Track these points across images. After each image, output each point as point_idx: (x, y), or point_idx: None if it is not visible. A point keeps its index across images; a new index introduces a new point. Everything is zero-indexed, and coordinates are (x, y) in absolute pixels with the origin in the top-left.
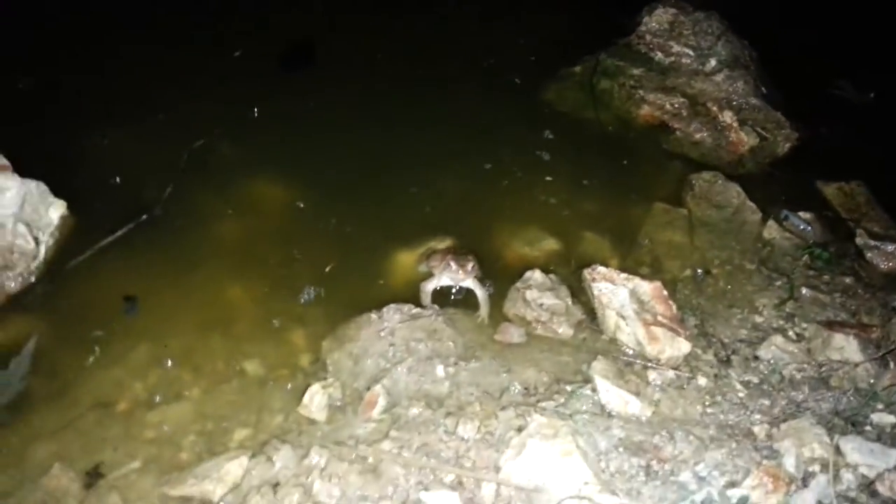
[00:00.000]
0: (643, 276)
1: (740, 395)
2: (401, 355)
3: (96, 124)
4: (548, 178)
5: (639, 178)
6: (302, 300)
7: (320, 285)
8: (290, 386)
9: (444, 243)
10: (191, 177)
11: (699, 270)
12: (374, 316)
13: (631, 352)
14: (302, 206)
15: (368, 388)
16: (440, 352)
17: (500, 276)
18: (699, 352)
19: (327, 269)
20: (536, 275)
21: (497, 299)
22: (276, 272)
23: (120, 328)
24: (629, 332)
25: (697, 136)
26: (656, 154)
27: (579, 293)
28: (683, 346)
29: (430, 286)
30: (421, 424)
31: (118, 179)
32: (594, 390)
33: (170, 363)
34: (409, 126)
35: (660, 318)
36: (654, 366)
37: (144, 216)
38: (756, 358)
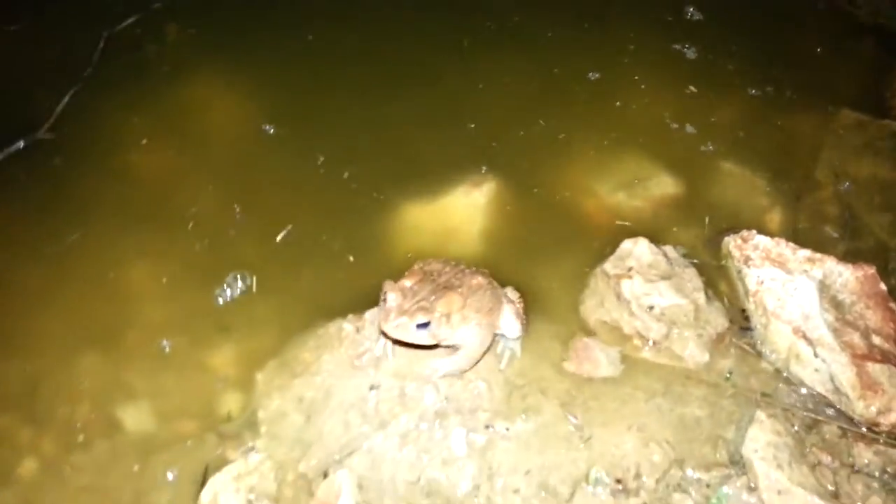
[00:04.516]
0: (833, 248)
1: None
2: (388, 409)
3: None
4: (690, 89)
5: (818, 68)
6: (219, 296)
7: (264, 265)
8: (184, 467)
9: (481, 188)
10: (103, 79)
11: None
12: (348, 327)
13: (820, 405)
14: (270, 129)
15: (325, 475)
16: (462, 402)
17: (574, 249)
18: None
19: (280, 237)
20: (641, 248)
21: (570, 292)
22: (198, 242)
23: None
24: (819, 368)
25: None
26: (840, 27)
27: (718, 279)
28: None
29: (363, 356)
30: None
31: None
32: (752, 488)
33: None
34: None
35: (878, 339)
36: (867, 435)
37: (21, 143)
38: None
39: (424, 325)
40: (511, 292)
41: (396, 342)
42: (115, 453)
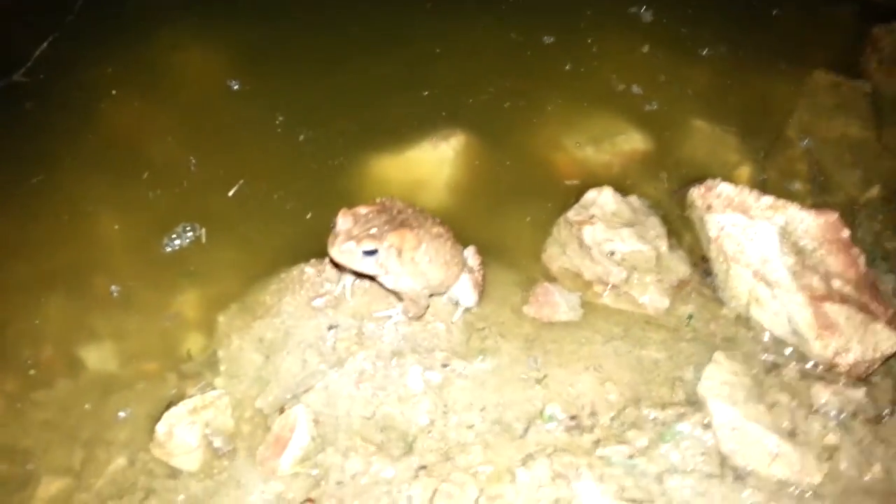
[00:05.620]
0: (801, 202)
1: None
2: (346, 348)
3: None
4: (644, 49)
5: (789, 32)
6: (167, 245)
7: (215, 216)
8: (143, 403)
9: (448, 141)
10: (83, 29)
11: None
12: (309, 270)
13: (779, 348)
14: (235, 86)
15: (281, 411)
16: (419, 342)
17: (539, 199)
18: None
19: (232, 192)
20: (606, 196)
21: (533, 241)
22: (152, 191)
23: None
24: (777, 311)
25: None
26: None
27: (682, 229)
28: (883, 341)
29: (323, 297)
30: (366, 492)
31: None
32: (706, 425)
33: None
34: None
35: (838, 283)
36: (826, 377)
37: None
38: None
39: (371, 253)
40: (472, 257)
41: (343, 268)
42: (77, 391)
